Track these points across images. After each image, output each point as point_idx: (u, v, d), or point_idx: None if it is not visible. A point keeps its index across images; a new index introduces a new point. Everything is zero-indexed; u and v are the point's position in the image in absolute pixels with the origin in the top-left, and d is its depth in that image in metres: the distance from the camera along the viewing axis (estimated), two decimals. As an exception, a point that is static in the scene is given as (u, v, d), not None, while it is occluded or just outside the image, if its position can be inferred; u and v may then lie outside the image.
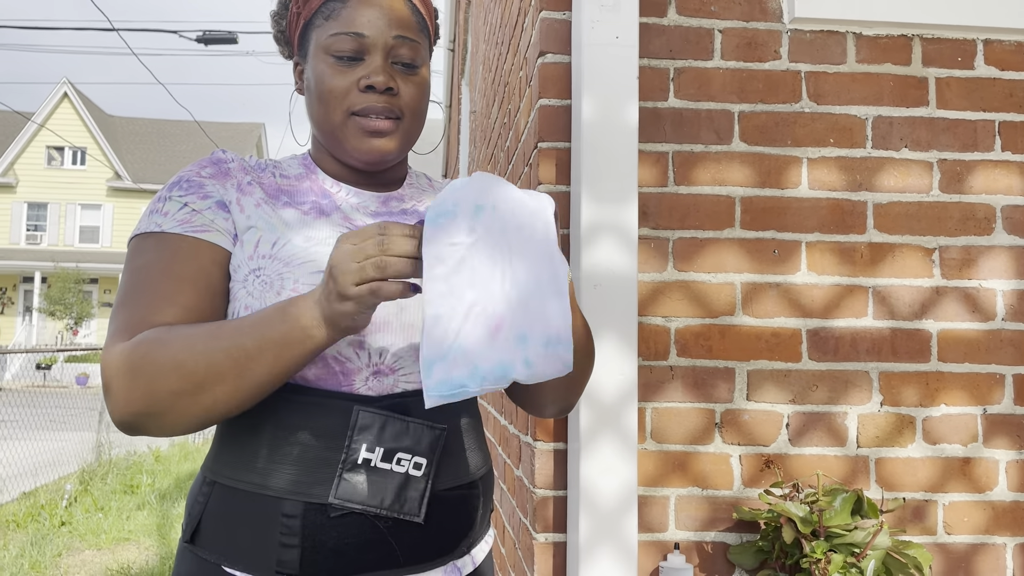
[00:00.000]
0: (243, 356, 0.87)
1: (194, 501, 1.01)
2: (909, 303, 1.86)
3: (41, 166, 28.21)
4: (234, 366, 0.87)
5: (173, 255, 0.97)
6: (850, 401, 1.83)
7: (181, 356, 0.87)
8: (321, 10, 1.04)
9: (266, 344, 0.87)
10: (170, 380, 0.87)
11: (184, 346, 0.87)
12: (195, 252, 0.97)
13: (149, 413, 0.88)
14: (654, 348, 1.80)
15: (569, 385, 1.07)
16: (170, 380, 0.87)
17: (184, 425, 0.90)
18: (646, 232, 1.82)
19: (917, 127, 1.89)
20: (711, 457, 1.80)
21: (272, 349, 0.87)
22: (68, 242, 27.82)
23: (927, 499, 1.82)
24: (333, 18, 1.03)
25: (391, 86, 1.02)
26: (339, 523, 0.95)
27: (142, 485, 7.05)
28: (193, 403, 0.88)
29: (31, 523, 5.63)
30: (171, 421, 0.89)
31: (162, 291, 0.94)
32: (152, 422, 0.89)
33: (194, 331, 0.89)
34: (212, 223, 1.00)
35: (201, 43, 13.71)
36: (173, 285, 0.95)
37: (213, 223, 1.00)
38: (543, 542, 1.76)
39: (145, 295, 0.94)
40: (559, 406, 1.10)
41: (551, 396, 1.08)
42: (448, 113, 8.17)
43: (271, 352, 0.87)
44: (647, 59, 1.85)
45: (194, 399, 0.88)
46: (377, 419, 0.97)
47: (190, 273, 0.96)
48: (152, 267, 0.96)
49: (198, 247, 0.98)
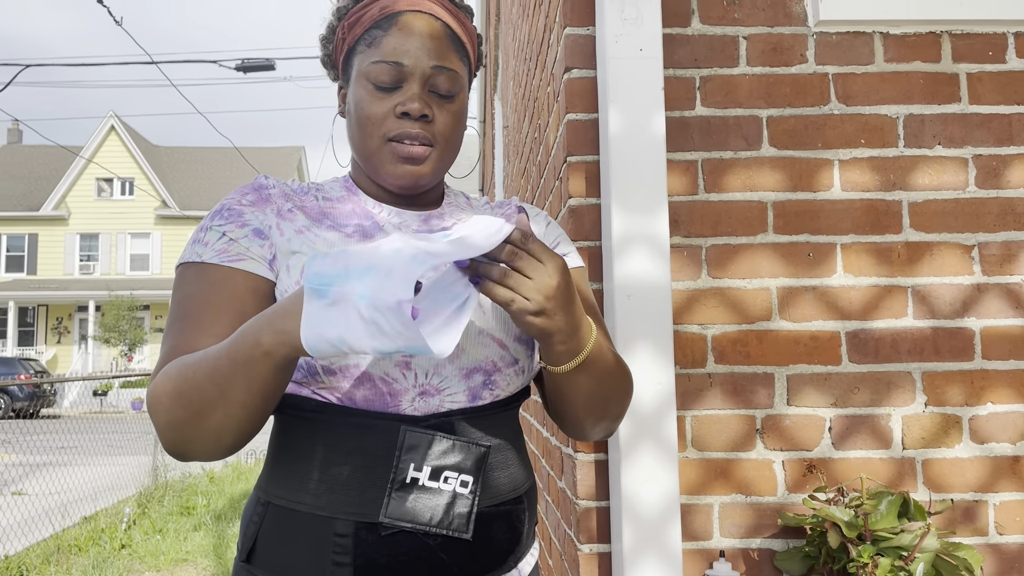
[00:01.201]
0: (223, 380, 0.87)
1: (249, 521, 1.05)
2: (950, 301, 1.83)
3: (91, 198, 29.03)
4: (218, 391, 0.87)
5: (211, 286, 1.01)
6: (893, 403, 1.81)
7: (181, 386, 0.90)
8: (364, 37, 1.08)
9: (236, 366, 0.86)
10: (176, 411, 0.90)
11: (183, 376, 0.90)
12: (230, 281, 1.01)
13: (176, 441, 0.92)
14: (691, 356, 1.81)
15: (604, 404, 1.05)
16: (176, 411, 0.90)
17: (208, 450, 0.92)
18: (678, 240, 1.83)
19: (950, 124, 1.87)
20: (753, 463, 1.79)
21: (241, 370, 0.86)
22: (119, 271, 28.54)
23: (977, 499, 1.79)
24: (375, 46, 1.06)
25: (426, 113, 1.04)
26: (390, 541, 0.98)
27: (198, 506, 7.19)
28: (200, 430, 0.90)
29: (92, 547, 5.78)
30: (196, 448, 0.92)
31: (198, 321, 0.99)
32: (185, 449, 0.93)
33: (193, 359, 0.91)
34: (247, 251, 1.03)
35: (240, 71, 14.01)
36: (209, 315, 0.99)
37: (248, 251, 1.03)
38: (588, 553, 1.77)
39: (183, 326, 0.99)
40: (599, 426, 1.09)
41: (586, 414, 1.06)
42: (482, 128, 8.24)
43: (241, 373, 0.86)
44: (672, 69, 1.86)
45: (200, 426, 0.89)
46: (424, 439, 0.99)
47: (224, 302, 1.00)
48: (192, 298, 1.01)
49: (233, 276, 1.02)
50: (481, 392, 1.05)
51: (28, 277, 28.31)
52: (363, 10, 1.09)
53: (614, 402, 1.07)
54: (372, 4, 1.09)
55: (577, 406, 1.06)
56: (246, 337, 0.86)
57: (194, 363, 0.90)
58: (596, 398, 1.05)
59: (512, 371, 1.08)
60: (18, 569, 5.15)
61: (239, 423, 0.90)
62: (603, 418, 1.08)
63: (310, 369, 0.99)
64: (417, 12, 1.08)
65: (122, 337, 24.56)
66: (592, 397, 1.04)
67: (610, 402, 1.07)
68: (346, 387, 1.00)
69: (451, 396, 1.03)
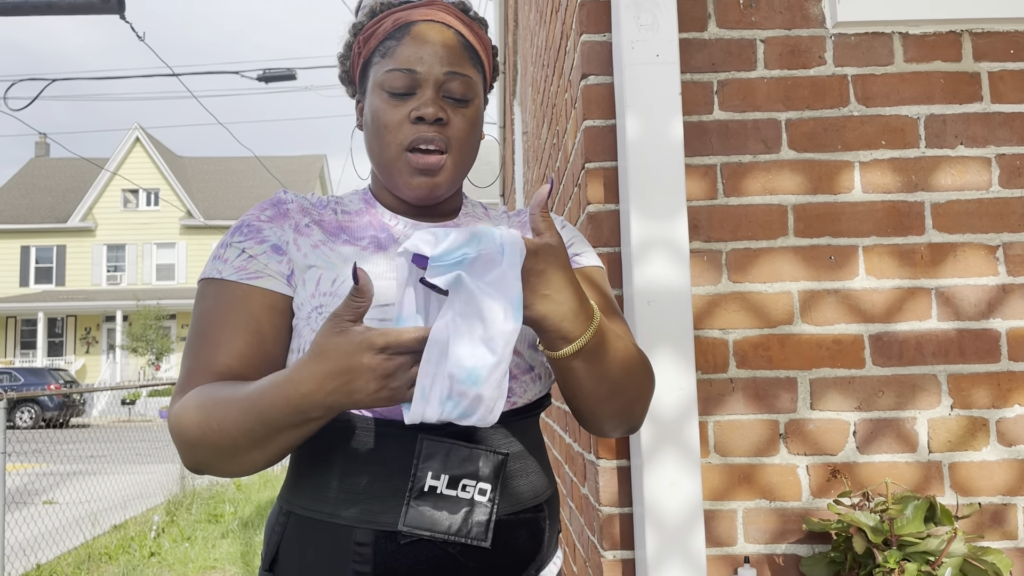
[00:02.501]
0: (261, 439, 0.91)
1: (271, 531, 1.06)
2: (975, 303, 1.81)
3: (118, 209, 29.41)
4: (257, 446, 0.92)
5: (228, 304, 1.03)
6: (918, 406, 1.79)
7: (208, 430, 0.93)
8: (379, 48, 1.10)
9: (282, 430, 0.90)
10: (203, 450, 0.94)
11: (210, 423, 0.93)
12: (247, 299, 1.04)
13: (200, 469, 0.98)
14: (712, 361, 1.80)
15: (615, 397, 1.02)
16: (203, 450, 0.94)
17: (232, 474, 0.97)
18: (698, 245, 1.82)
19: (972, 123, 1.85)
20: (777, 468, 1.78)
21: (287, 433, 0.90)
22: (146, 281, 28.88)
23: (1005, 503, 1.77)
24: (388, 56, 1.08)
25: (440, 117, 1.05)
26: (409, 549, 0.98)
27: (225, 514, 7.25)
28: (232, 464, 0.95)
29: (122, 555, 5.84)
30: (219, 472, 0.97)
31: (216, 341, 1.02)
32: (207, 472, 0.98)
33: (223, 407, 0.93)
34: (266, 267, 1.05)
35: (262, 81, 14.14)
36: (227, 333, 1.02)
37: (267, 267, 1.05)
38: (611, 559, 1.77)
39: (201, 345, 1.02)
40: (614, 422, 1.06)
41: (596, 406, 1.03)
42: (502, 134, 8.25)
43: (286, 435, 0.91)
44: (689, 74, 1.86)
45: (232, 462, 0.94)
46: (441, 447, 1.00)
47: (242, 321, 1.02)
48: (210, 315, 1.03)
49: (251, 294, 1.04)
50: None
51: (57, 288, 28.72)
52: (377, 24, 1.11)
53: (628, 397, 1.03)
54: (386, 17, 1.11)
55: (584, 397, 1.01)
56: (286, 410, 0.88)
57: (222, 414, 0.92)
58: (604, 390, 1.00)
59: (528, 378, 1.08)
60: (50, 577, 5.22)
61: (270, 460, 0.95)
62: (618, 414, 1.04)
63: None
64: (430, 22, 1.09)
65: (149, 346, 24.85)
66: (599, 388, 1.00)
67: (622, 396, 1.03)
68: None
69: None
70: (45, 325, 27.21)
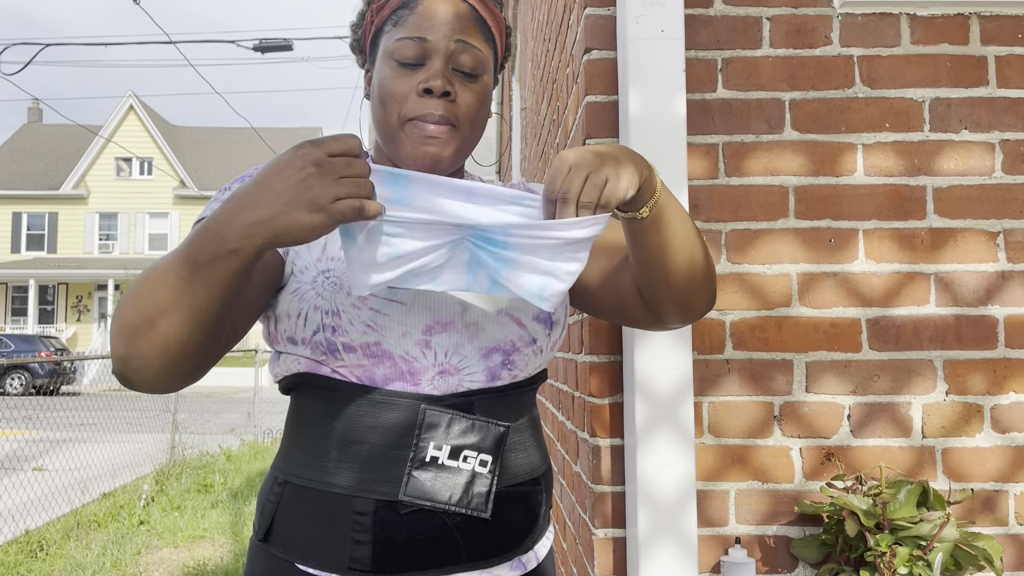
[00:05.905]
0: (179, 282, 0.83)
1: (266, 500, 1.05)
2: (973, 289, 1.81)
3: (111, 177, 29.24)
4: (172, 294, 0.83)
5: None
6: (914, 391, 1.79)
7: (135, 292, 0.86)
8: (391, 17, 1.08)
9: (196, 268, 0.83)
10: (130, 317, 0.85)
11: (140, 282, 0.86)
12: None
13: (125, 356, 0.86)
14: (709, 342, 1.79)
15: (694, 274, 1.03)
16: (130, 317, 0.85)
17: (154, 365, 0.86)
18: (698, 225, 1.81)
19: (977, 108, 1.84)
20: (771, 450, 1.78)
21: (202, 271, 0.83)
22: (138, 250, 28.78)
23: (997, 489, 1.77)
24: (400, 24, 1.06)
25: (448, 90, 1.03)
26: (409, 519, 0.98)
27: (215, 484, 7.27)
28: (149, 338, 0.84)
29: (111, 522, 5.85)
30: (142, 364, 0.86)
31: None
32: (130, 365, 0.86)
33: (153, 265, 0.87)
34: None
35: (258, 51, 14.03)
36: None
37: None
38: (603, 537, 1.77)
39: None
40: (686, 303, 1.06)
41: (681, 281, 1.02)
42: (500, 109, 8.20)
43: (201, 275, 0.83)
44: (694, 51, 1.84)
45: (149, 334, 0.84)
46: (443, 417, 1.00)
47: None
48: None
49: None
50: (500, 372, 1.05)
51: (48, 256, 28.61)
52: None
53: (699, 268, 1.03)
54: None
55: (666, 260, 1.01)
56: (206, 237, 0.82)
57: (151, 269, 0.86)
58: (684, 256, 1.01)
59: (531, 351, 1.08)
60: (39, 543, 5.23)
61: (191, 331, 0.85)
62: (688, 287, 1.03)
63: (330, 347, 0.99)
64: None
65: (141, 316, 24.75)
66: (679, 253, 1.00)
67: (692, 268, 1.03)
68: (366, 365, 1.00)
69: (470, 376, 1.03)
70: (36, 292, 27.12)
